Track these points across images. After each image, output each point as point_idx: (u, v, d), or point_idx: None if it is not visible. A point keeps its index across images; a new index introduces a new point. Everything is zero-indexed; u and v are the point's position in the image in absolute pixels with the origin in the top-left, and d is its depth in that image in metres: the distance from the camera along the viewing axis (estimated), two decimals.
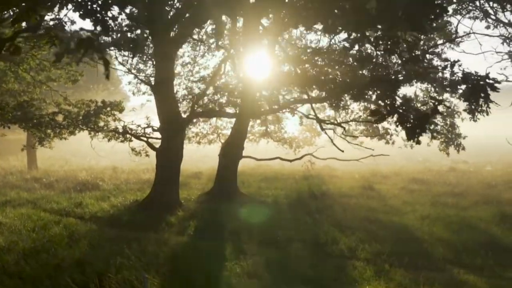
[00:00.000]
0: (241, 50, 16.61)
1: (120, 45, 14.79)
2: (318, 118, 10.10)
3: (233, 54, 15.48)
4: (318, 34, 14.96)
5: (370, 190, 17.60)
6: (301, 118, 14.40)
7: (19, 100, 14.44)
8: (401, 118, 4.25)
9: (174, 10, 12.32)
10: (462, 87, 6.05)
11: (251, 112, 14.11)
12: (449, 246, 9.64)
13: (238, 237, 10.08)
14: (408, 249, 9.35)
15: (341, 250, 9.31)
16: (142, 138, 14.40)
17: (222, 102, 16.17)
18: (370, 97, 9.16)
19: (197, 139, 21.71)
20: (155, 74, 14.26)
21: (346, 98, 12.88)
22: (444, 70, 6.59)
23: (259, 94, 13.46)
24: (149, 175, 20.27)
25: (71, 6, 2.71)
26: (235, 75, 14.24)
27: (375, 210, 13.64)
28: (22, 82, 15.63)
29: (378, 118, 4.43)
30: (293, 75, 11.56)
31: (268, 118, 21.45)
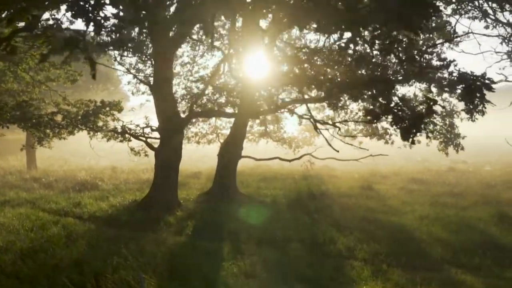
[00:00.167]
0: (240, 50, 16.65)
1: (118, 45, 14.82)
2: (313, 118, 10.09)
3: (228, 54, 15.48)
4: (318, 34, 14.94)
5: (369, 190, 17.60)
6: (299, 118, 14.39)
7: (18, 100, 14.44)
8: (396, 118, 4.23)
9: (173, 9, 12.32)
10: (460, 87, 6.05)
11: (250, 112, 14.11)
12: (447, 246, 9.64)
13: (237, 237, 10.08)
14: (406, 249, 9.36)
15: (339, 250, 9.32)
16: (141, 138, 14.40)
17: (221, 102, 16.17)
18: (369, 97, 9.15)
19: (196, 139, 21.71)
20: (154, 74, 14.26)
21: (345, 98, 12.86)
22: (440, 70, 6.59)
23: (258, 94, 13.45)
24: (148, 175, 20.26)
25: (65, 6, 2.71)
26: (232, 76, 14.22)
27: (374, 210, 13.65)
28: (21, 82, 15.63)
29: (373, 118, 4.42)
30: (291, 75, 11.56)
31: (267, 118, 21.43)
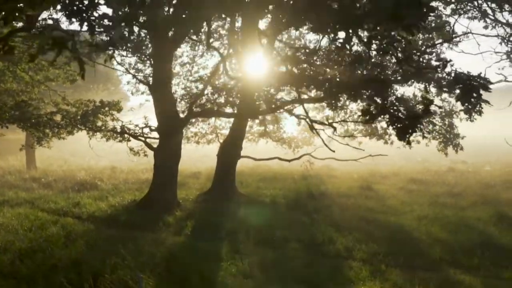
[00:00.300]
0: (239, 50, 16.64)
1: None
2: (309, 118, 10.07)
3: (228, 54, 15.47)
4: (317, 34, 14.91)
5: (368, 190, 17.60)
6: (295, 118, 14.38)
7: (17, 99, 14.43)
8: (392, 118, 4.24)
9: (172, 9, 12.30)
10: (457, 87, 6.05)
11: (249, 112, 14.11)
12: (446, 246, 9.64)
13: (235, 237, 10.08)
14: (404, 249, 9.36)
15: (337, 250, 9.31)
16: (140, 138, 14.40)
17: (220, 102, 16.15)
18: (366, 97, 9.15)
19: (196, 139, 21.70)
20: (153, 74, 14.25)
21: (344, 98, 12.86)
22: (436, 70, 6.59)
23: (257, 94, 13.44)
24: (147, 175, 20.26)
25: (59, 6, 2.71)
26: (227, 76, 14.22)
27: (373, 210, 13.65)
28: (21, 81, 15.61)
29: (368, 118, 4.42)
30: (290, 75, 11.56)
31: (266, 118, 21.43)
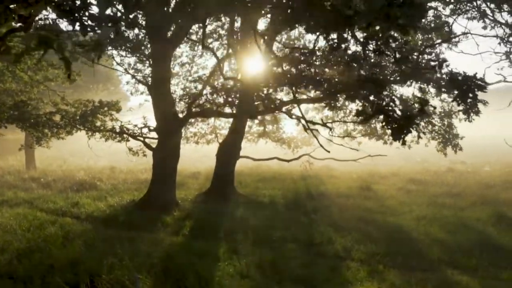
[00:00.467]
0: (238, 50, 16.64)
1: (117, 45, 14.84)
2: (304, 118, 10.06)
3: (222, 55, 15.46)
4: (312, 34, 14.89)
5: (367, 190, 17.58)
6: (290, 117, 14.37)
7: (17, 99, 14.43)
8: (387, 118, 4.24)
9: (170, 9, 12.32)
10: (453, 88, 6.05)
11: (248, 112, 14.11)
12: (444, 246, 9.63)
13: (233, 237, 10.08)
14: (403, 249, 9.35)
15: (335, 250, 9.31)
16: (139, 138, 14.40)
17: (219, 102, 16.16)
18: (361, 97, 9.15)
19: (195, 139, 21.72)
20: (152, 74, 14.27)
21: (343, 98, 12.86)
22: (432, 69, 6.58)
23: (256, 94, 13.44)
24: (147, 175, 20.26)
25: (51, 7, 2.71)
26: (222, 77, 14.23)
27: (372, 210, 13.64)
28: (20, 81, 15.61)
29: (363, 118, 4.42)
30: (288, 75, 11.54)
31: (266, 118, 21.45)
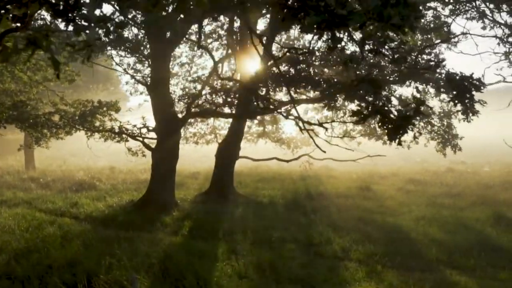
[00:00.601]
0: (237, 50, 16.65)
1: (116, 45, 14.82)
2: (300, 118, 10.05)
3: (220, 55, 15.45)
4: (306, 33, 14.87)
5: (367, 190, 17.59)
6: (285, 118, 14.33)
7: (16, 100, 14.43)
8: (382, 118, 4.24)
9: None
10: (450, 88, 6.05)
11: (247, 112, 14.11)
12: (442, 247, 9.62)
13: (232, 237, 10.08)
14: (401, 250, 9.34)
15: (334, 250, 9.30)
16: (138, 138, 14.39)
17: (218, 102, 16.16)
18: (358, 97, 9.15)
19: (194, 139, 21.71)
20: (151, 74, 14.28)
21: (341, 98, 12.86)
22: (428, 70, 6.58)
23: (255, 94, 13.43)
24: (146, 175, 20.23)
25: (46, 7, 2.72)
26: (217, 77, 14.24)
27: (371, 210, 13.64)
28: (19, 82, 15.61)
29: (359, 119, 4.43)
30: (288, 75, 11.55)
31: (265, 118, 21.45)
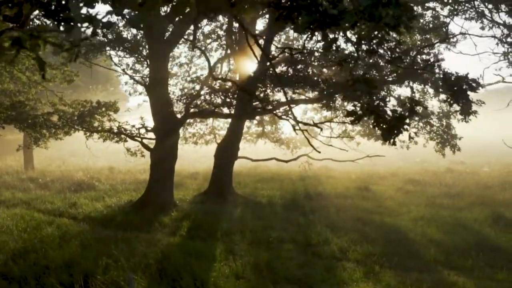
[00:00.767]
0: (236, 50, 16.66)
1: (115, 45, 14.83)
2: (295, 118, 10.04)
3: (225, 55, 15.42)
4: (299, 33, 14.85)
5: (366, 191, 17.59)
6: (279, 118, 14.32)
7: (14, 100, 14.42)
8: (377, 119, 4.24)
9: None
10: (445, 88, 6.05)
11: (246, 112, 14.11)
12: (441, 247, 9.61)
13: (230, 237, 10.08)
14: (399, 250, 9.34)
15: (332, 251, 9.29)
16: (136, 138, 14.38)
17: (217, 102, 16.16)
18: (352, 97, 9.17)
19: (194, 140, 21.70)
20: (150, 75, 14.28)
21: (340, 99, 12.87)
22: (425, 70, 6.58)
23: (251, 94, 13.45)
24: (145, 176, 20.22)
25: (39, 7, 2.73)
26: (212, 78, 14.24)
27: (370, 211, 13.63)
28: (18, 82, 15.60)
29: (354, 119, 4.42)
30: (286, 76, 11.56)
31: (264, 118, 21.45)
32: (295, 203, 14.54)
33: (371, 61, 12.57)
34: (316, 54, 11.95)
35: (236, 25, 16.24)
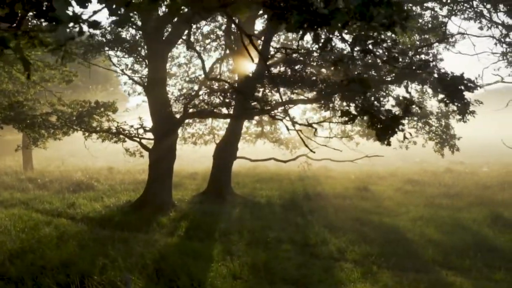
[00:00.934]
0: (235, 50, 16.65)
1: (114, 45, 14.82)
2: (291, 118, 10.03)
3: (224, 55, 15.40)
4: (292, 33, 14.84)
5: (364, 191, 17.57)
6: (272, 118, 14.30)
7: (13, 100, 14.41)
8: (372, 119, 4.24)
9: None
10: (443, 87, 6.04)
11: (244, 112, 14.11)
12: (439, 247, 9.60)
13: (228, 238, 10.07)
14: (397, 250, 9.32)
15: (330, 251, 9.28)
16: (135, 138, 14.38)
17: (216, 102, 16.15)
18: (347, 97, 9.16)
19: (193, 140, 21.69)
20: (148, 75, 14.28)
21: (338, 99, 12.85)
22: (419, 70, 6.58)
23: (252, 94, 13.45)
24: (144, 176, 20.17)
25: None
26: (206, 78, 14.24)
27: (368, 211, 13.62)
28: (16, 82, 15.59)
29: (348, 119, 4.42)
30: (285, 76, 11.55)
31: (263, 119, 21.44)
32: (294, 203, 14.53)
33: (370, 61, 12.57)
34: (314, 54, 11.93)
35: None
